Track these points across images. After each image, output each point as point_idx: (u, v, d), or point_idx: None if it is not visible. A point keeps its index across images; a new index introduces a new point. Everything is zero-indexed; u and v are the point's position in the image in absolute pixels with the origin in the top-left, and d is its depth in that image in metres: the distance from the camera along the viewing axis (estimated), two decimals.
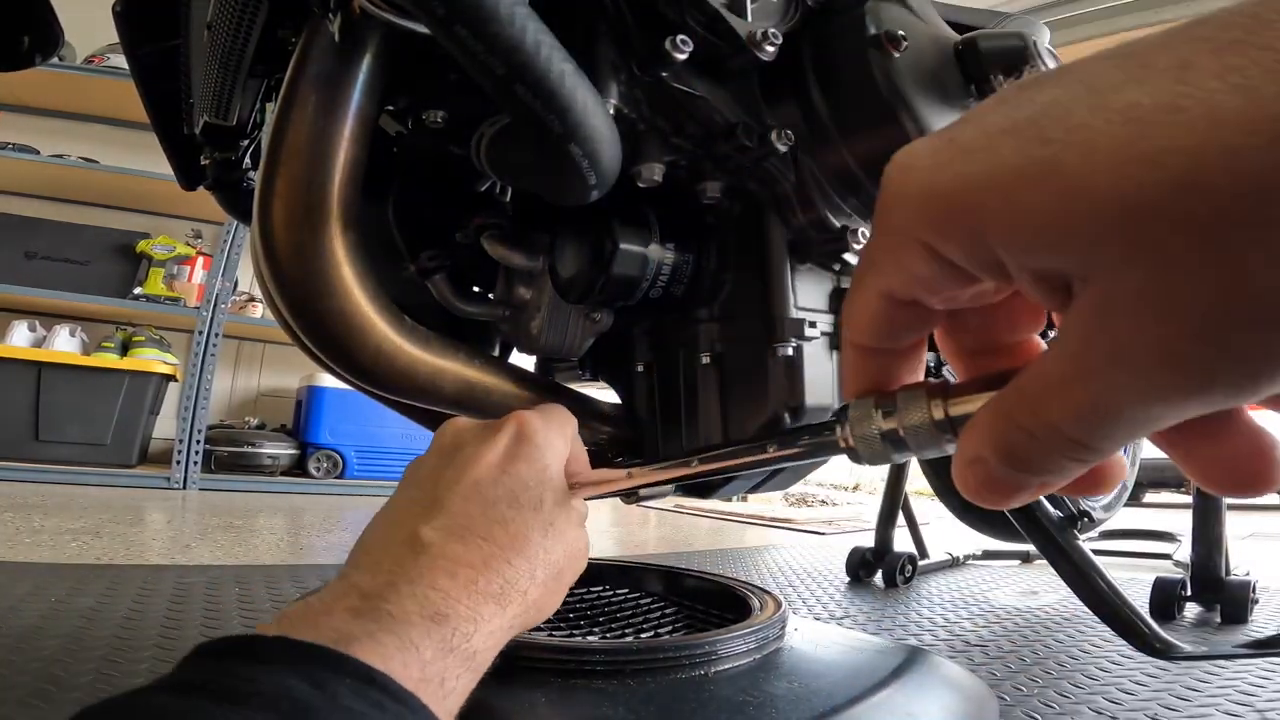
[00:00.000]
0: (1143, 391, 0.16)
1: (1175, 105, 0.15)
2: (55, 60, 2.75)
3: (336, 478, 2.81)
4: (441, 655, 0.32)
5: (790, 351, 0.55)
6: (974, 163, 0.18)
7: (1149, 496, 5.02)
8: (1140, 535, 1.85)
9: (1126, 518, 1.96)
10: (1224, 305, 0.15)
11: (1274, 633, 0.67)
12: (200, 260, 2.87)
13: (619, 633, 0.60)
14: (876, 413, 0.25)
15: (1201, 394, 0.16)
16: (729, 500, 3.36)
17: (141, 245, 2.81)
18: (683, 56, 0.45)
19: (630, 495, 0.55)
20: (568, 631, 0.60)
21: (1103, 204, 0.15)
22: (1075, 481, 0.21)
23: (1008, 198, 0.17)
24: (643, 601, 0.69)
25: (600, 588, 0.72)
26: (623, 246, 0.53)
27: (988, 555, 1.66)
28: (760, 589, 0.66)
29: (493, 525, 0.38)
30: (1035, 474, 0.20)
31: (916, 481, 1.58)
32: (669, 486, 0.59)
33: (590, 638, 0.58)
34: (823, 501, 3.94)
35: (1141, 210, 0.15)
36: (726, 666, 0.50)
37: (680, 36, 0.45)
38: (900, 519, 1.44)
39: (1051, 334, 0.20)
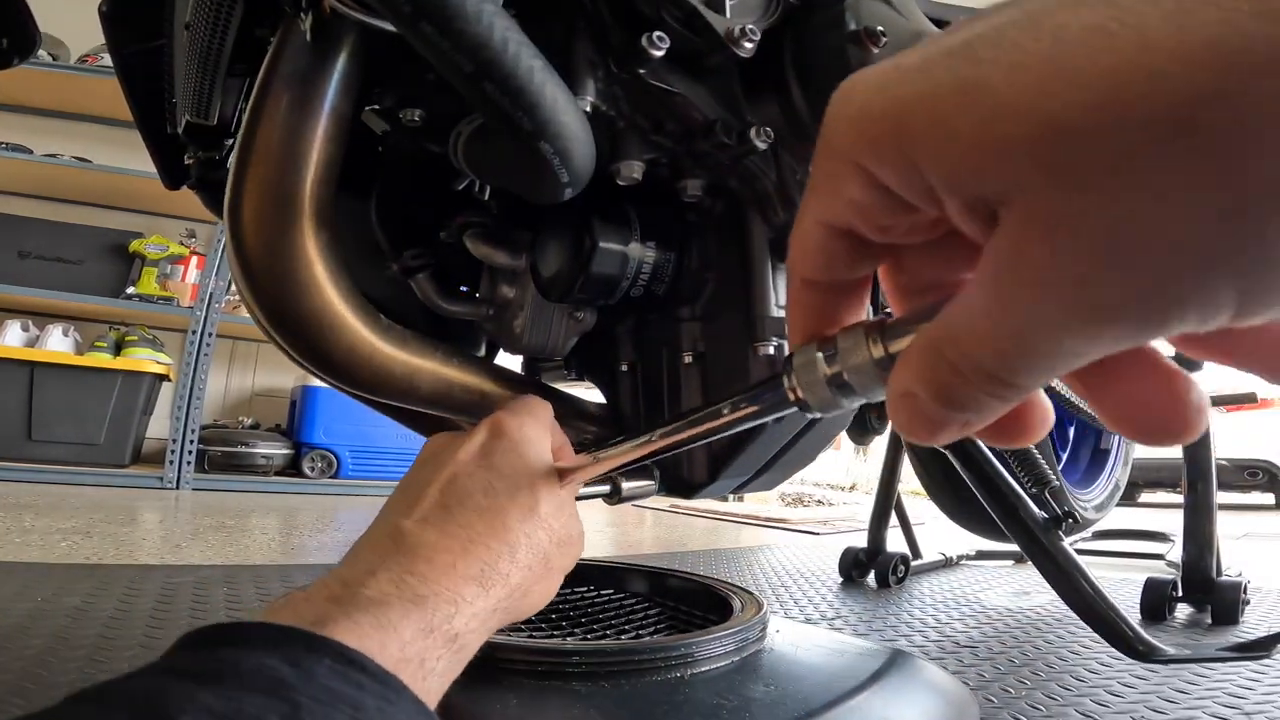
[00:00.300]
0: (1056, 322, 0.16)
1: (1104, 28, 0.15)
2: (49, 59, 2.75)
3: (331, 478, 2.81)
4: (421, 636, 0.33)
5: (772, 350, 0.54)
6: (909, 85, 0.18)
7: (1144, 496, 5.04)
8: (1134, 535, 1.84)
9: (1121, 518, 1.96)
10: (1136, 232, 0.15)
11: (1262, 635, 0.67)
12: (194, 259, 2.87)
13: (600, 634, 0.60)
14: (819, 358, 0.25)
15: (1112, 325, 0.16)
16: (724, 500, 3.36)
17: (135, 245, 2.80)
18: (660, 53, 0.44)
19: (613, 495, 0.55)
20: (548, 632, 0.59)
21: (1022, 122, 0.15)
22: (999, 425, 0.21)
23: (933, 117, 0.17)
24: (626, 602, 0.69)
25: (584, 588, 0.72)
26: (602, 245, 0.53)
27: (981, 555, 1.66)
28: (743, 589, 0.66)
29: (470, 514, 0.38)
30: (960, 411, 0.19)
31: (910, 482, 1.57)
32: (652, 485, 0.59)
33: (570, 639, 0.58)
34: (818, 501, 3.94)
35: (1060, 130, 0.15)
36: (704, 669, 0.50)
37: (657, 33, 0.44)
38: (894, 519, 1.44)
39: None
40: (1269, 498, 4.77)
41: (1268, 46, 0.13)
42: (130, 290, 2.74)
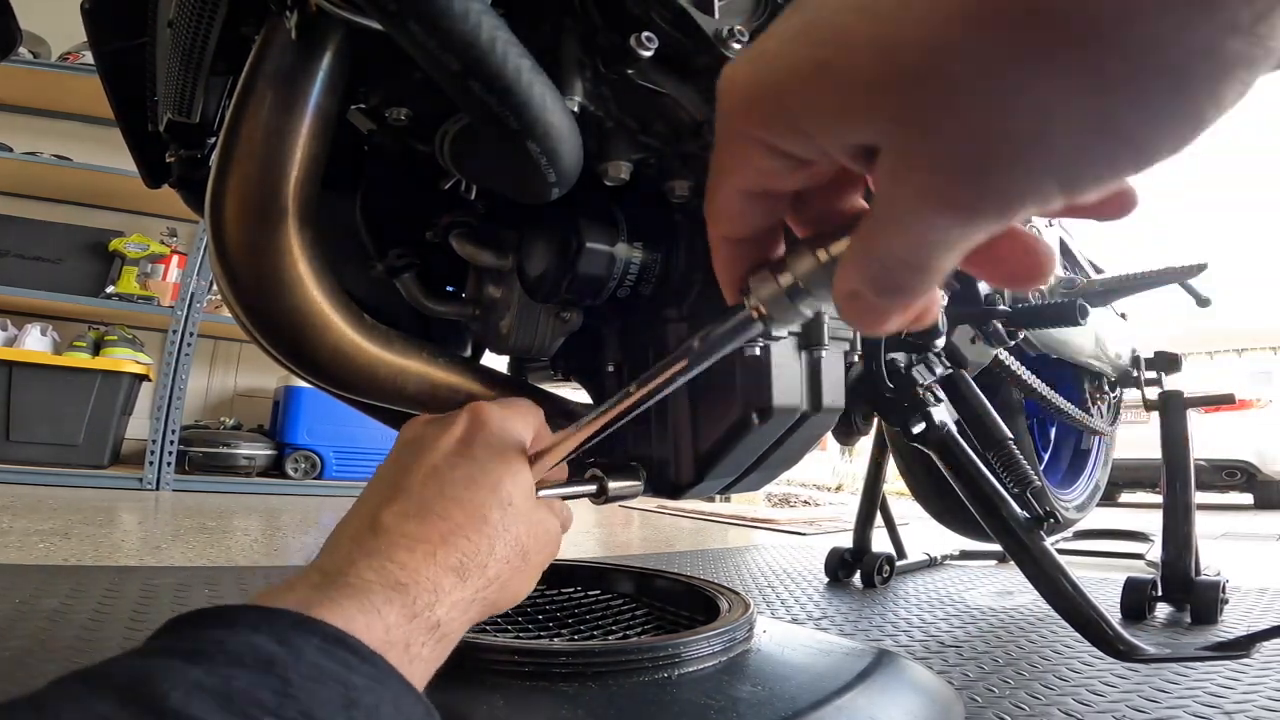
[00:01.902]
0: (934, 225, 0.21)
1: (905, 2, 0.19)
2: (30, 57, 2.72)
3: (315, 478, 2.79)
4: (404, 621, 0.33)
5: (757, 352, 0.55)
6: (777, 69, 0.22)
7: (1124, 496, 5.09)
8: (1114, 535, 1.86)
9: (1101, 518, 1.97)
10: (967, 155, 0.19)
11: (1241, 634, 0.68)
12: (175, 258, 2.84)
13: (588, 634, 0.60)
14: (773, 276, 0.29)
15: (975, 222, 0.21)
16: (711, 501, 3.37)
17: (115, 243, 2.77)
18: (648, 54, 0.44)
19: (600, 495, 0.55)
20: (535, 633, 0.59)
21: (863, 89, 0.20)
22: (1011, 271, 0.25)
23: (804, 94, 0.21)
24: (613, 603, 0.69)
25: (572, 589, 0.72)
26: (589, 245, 0.53)
27: (965, 555, 1.67)
28: (730, 590, 0.66)
29: (450, 504, 0.38)
30: (896, 296, 0.24)
31: (895, 483, 1.58)
32: (639, 486, 0.59)
33: (557, 640, 0.57)
34: (805, 502, 3.96)
35: (891, 89, 0.19)
36: (691, 669, 0.50)
37: (646, 34, 0.44)
38: (879, 520, 1.45)
39: None
40: (1247, 498, 4.83)
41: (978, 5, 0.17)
42: (110, 289, 2.71)
